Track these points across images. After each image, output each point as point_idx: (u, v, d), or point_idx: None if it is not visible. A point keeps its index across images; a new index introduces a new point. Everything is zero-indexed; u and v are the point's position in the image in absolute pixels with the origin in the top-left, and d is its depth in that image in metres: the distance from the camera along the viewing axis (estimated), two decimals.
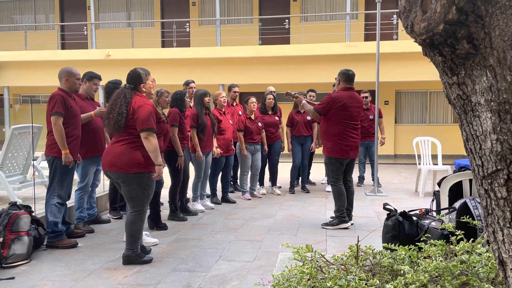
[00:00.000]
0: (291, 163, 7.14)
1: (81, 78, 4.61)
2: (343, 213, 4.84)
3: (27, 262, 3.73)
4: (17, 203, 3.98)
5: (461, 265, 2.15)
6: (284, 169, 8.49)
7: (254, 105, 6.47)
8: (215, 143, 5.92)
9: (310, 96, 7.16)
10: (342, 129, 4.75)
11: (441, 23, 1.39)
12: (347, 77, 4.83)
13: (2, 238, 3.64)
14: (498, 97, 1.39)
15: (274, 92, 7.17)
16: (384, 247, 2.75)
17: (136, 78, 3.63)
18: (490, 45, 1.38)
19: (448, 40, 1.43)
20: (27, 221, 3.82)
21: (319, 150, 6.98)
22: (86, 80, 4.74)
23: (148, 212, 4.65)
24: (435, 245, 2.45)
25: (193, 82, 6.29)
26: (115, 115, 3.49)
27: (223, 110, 6.17)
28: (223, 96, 6.13)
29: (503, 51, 1.37)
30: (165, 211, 5.43)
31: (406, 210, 3.29)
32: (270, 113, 6.87)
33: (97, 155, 4.72)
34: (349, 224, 4.87)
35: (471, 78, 1.45)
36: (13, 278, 3.38)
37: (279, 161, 7.15)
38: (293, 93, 5.20)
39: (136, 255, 3.68)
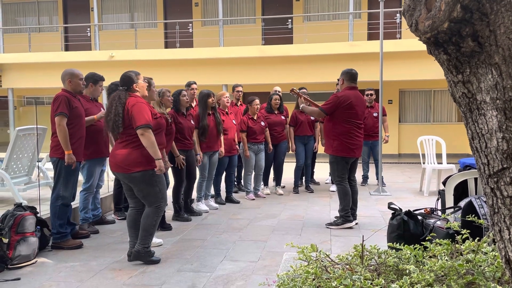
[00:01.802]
0: (295, 163, 7.13)
1: (84, 80, 4.62)
2: (348, 213, 4.83)
3: (33, 263, 3.74)
4: (22, 204, 3.99)
5: (467, 264, 2.14)
6: (288, 169, 8.48)
7: (257, 107, 6.47)
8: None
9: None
10: (349, 128, 4.75)
11: (445, 21, 1.39)
12: (350, 76, 4.83)
13: (7, 239, 3.66)
14: (503, 95, 1.39)
15: (279, 92, 7.17)
16: (389, 247, 2.74)
17: (127, 80, 3.69)
18: (495, 43, 1.37)
19: (453, 38, 1.42)
20: (32, 222, 3.84)
21: (321, 149, 6.96)
22: (92, 83, 4.75)
23: None
24: (440, 244, 2.44)
25: (195, 83, 6.28)
26: (112, 116, 3.55)
27: (226, 110, 6.18)
28: (226, 97, 6.14)
29: (509, 49, 1.36)
30: (169, 212, 5.44)
31: (411, 210, 3.28)
32: (276, 112, 6.87)
33: (101, 156, 4.74)
34: (353, 223, 4.86)
35: (476, 76, 1.45)
36: (19, 279, 3.40)
37: (284, 161, 7.15)
38: (298, 90, 5.19)
39: (146, 252, 3.70)
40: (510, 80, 1.37)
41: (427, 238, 2.79)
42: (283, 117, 6.93)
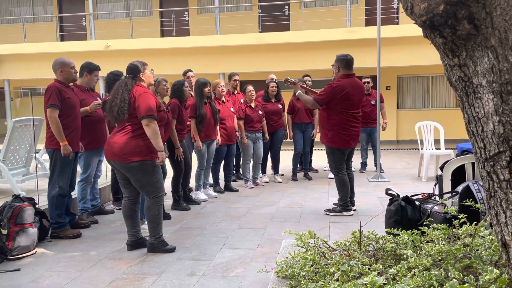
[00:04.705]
0: (293, 151, 7.14)
1: (79, 71, 4.58)
2: (347, 202, 4.82)
3: (32, 253, 3.75)
4: (21, 196, 3.99)
5: (464, 249, 2.15)
6: (286, 156, 8.49)
7: (252, 93, 6.44)
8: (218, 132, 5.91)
9: (306, 81, 7.12)
10: (344, 118, 4.60)
11: (441, 3, 1.37)
12: (346, 63, 4.60)
13: (6, 231, 3.67)
14: (500, 78, 1.37)
15: (275, 80, 7.14)
16: (387, 232, 2.75)
17: (134, 69, 3.70)
18: (491, 25, 1.36)
19: (448, 21, 1.40)
20: (31, 213, 3.84)
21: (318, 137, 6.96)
22: (87, 73, 4.70)
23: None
24: (438, 229, 2.45)
25: (191, 71, 6.24)
26: (117, 102, 3.53)
27: (222, 99, 6.14)
28: (221, 86, 6.09)
29: (505, 31, 1.34)
30: (168, 201, 5.45)
31: (409, 195, 3.29)
32: (273, 100, 6.85)
33: (99, 147, 4.72)
34: (352, 212, 4.85)
35: (473, 59, 1.43)
36: (18, 269, 3.41)
37: (281, 149, 7.15)
38: (292, 80, 5.12)
39: (159, 242, 3.73)
40: (506, 63, 1.36)
41: (424, 223, 2.80)
42: (280, 106, 6.91)
